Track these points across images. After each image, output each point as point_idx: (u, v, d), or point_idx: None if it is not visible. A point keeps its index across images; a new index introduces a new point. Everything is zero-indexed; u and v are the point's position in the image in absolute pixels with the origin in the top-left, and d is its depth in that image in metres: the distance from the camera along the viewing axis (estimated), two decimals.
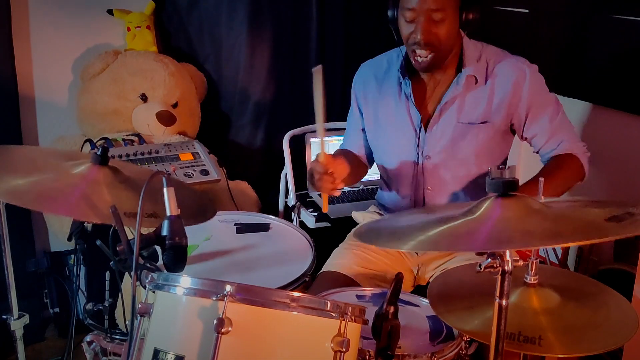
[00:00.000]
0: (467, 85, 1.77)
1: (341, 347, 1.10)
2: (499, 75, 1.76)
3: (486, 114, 1.78)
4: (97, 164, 1.39)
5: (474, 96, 1.78)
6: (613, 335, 1.20)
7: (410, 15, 1.67)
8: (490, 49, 1.81)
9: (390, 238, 1.18)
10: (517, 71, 1.76)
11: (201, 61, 2.84)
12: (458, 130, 1.79)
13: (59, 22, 2.60)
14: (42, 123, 2.66)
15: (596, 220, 1.05)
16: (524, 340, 1.17)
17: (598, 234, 1.01)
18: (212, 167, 2.42)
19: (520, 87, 1.75)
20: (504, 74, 1.76)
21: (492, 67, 1.77)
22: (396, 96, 1.86)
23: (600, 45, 2.14)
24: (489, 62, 1.78)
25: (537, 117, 1.77)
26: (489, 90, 1.77)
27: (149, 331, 1.16)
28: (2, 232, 1.50)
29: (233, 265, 1.66)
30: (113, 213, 1.19)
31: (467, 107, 1.78)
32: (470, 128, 1.78)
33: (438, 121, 1.80)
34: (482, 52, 1.79)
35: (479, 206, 1.13)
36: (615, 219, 1.03)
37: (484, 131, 1.79)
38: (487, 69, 1.77)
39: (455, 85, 1.77)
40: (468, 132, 1.79)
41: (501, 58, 1.79)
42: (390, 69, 1.89)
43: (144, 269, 1.19)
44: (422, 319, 1.47)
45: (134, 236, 1.17)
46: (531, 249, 1.27)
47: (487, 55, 1.79)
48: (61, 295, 2.54)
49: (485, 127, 1.78)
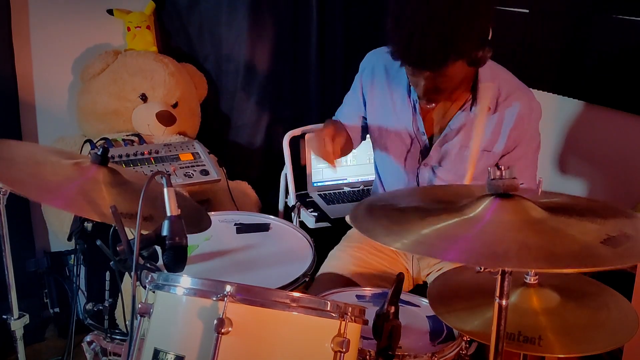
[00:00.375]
0: (480, 113, 1.71)
1: (341, 347, 1.10)
2: (508, 106, 1.72)
3: (490, 143, 1.75)
4: (97, 163, 1.39)
5: (482, 123, 1.73)
6: (613, 335, 1.20)
7: (410, 70, 1.60)
8: (503, 74, 1.75)
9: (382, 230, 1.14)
10: (524, 104, 1.72)
11: (201, 61, 2.84)
12: (460, 155, 1.76)
13: (59, 22, 2.60)
14: (42, 123, 2.65)
15: (591, 244, 1.02)
16: (524, 340, 1.17)
17: (592, 262, 0.98)
18: (212, 167, 2.42)
19: (523, 121, 1.72)
20: (513, 104, 1.72)
21: (504, 96, 1.72)
22: (405, 98, 1.80)
23: (600, 45, 2.14)
24: (502, 91, 1.72)
25: (519, 151, 1.75)
26: (497, 118, 1.73)
27: (149, 331, 1.16)
28: (2, 231, 1.50)
29: (233, 265, 1.66)
30: (113, 213, 1.19)
31: (474, 133, 1.72)
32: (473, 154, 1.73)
33: (445, 142, 1.77)
34: (494, 78, 1.72)
35: (477, 204, 1.12)
36: (610, 243, 1.01)
37: (485, 159, 1.75)
38: (498, 98, 1.72)
39: (468, 115, 1.73)
40: (469, 157, 1.74)
41: (513, 89, 1.73)
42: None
43: (144, 269, 1.19)
44: (422, 319, 1.47)
45: (134, 236, 1.17)
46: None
47: (499, 83, 1.72)
48: (61, 295, 2.54)
49: (487, 155, 1.76)
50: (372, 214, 1.23)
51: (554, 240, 1.03)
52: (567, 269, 1.05)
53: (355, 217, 1.21)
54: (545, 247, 1.01)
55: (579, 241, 1.03)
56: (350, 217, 1.22)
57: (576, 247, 1.01)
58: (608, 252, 0.99)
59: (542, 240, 1.03)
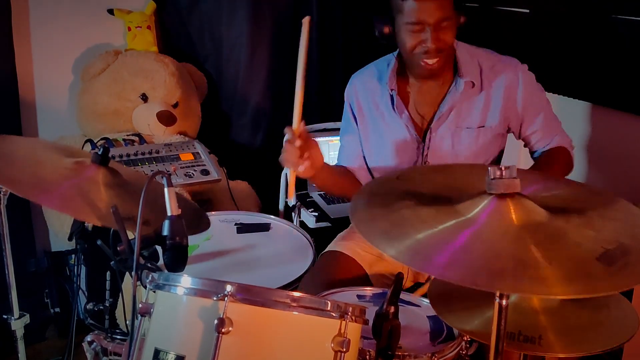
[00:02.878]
0: (465, 91, 1.78)
1: (341, 347, 1.10)
2: (492, 79, 1.78)
3: (483, 118, 1.79)
4: (97, 163, 1.39)
5: (471, 101, 1.79)
6: (613, 335, 1.20)
7: (417, 27, 1.66)
8: (480, 51, 1.82)
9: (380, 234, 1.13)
10: (510, 74, 1.77)
11: (201, 61, 2.84)
12: (457, 135, 1.80)
13: (60, 22, 2.60)
14: (42, 123, 2.66)
15: (586, 259, 1.01)
16: (524, 340, 1.17)
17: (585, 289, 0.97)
18: (213, 167, 2.42)
19: (514, 91, 1.77)
20: (497, 78, 1.78)
21: (486, 71, 1.78)
22: (389, 107, 1.84)
23: (601, 45, 2.14)
24: (482, 66, 1.79)
25: (533, 117, 1.81)
26: (485, 95, 1.78)
27: (149, 331, 1.16)
28: (2, 231, 1.50)
29: (233, 265, 1.67)
30: (114, 213, 1.19)
31: (464, 112, 1.79)
32: (469, 132, 1.80)
33: (437, 128, 1.81)
34: (473, 55, 1.80)
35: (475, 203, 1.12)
36: (605, 259, 1.00)
37: (482, 134, 1.81)
38: (481, 73, 1.78)
39: (454, 92, 1.78)
40: (467, 136, 1.80)
41: (493, 61, 1.79)
42: (381, 79, 1.87)
43: (144, 268, 1.19)
44: (422, 319, 1.47)
45: (134, 236, 1.17)
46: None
47: (479, 59, 1.80)
48: (62, 295, 2.54)
49: (484, 130, 1.80)
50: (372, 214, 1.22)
51: (549, 251, 1.02)
52: (561, 296, 1.05)
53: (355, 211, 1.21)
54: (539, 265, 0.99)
55: (575, 256, 1.02)
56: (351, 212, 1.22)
57: (571, 264, 1.01)
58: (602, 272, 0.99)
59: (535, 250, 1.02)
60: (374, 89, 1.89)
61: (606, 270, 0.99)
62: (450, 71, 1.80)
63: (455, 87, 1.78)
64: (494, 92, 1.78)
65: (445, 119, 1.80)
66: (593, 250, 1.03)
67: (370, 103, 1.89)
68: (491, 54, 1.82)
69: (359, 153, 1.94)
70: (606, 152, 2.20)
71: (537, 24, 2.38)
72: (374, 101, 1.88)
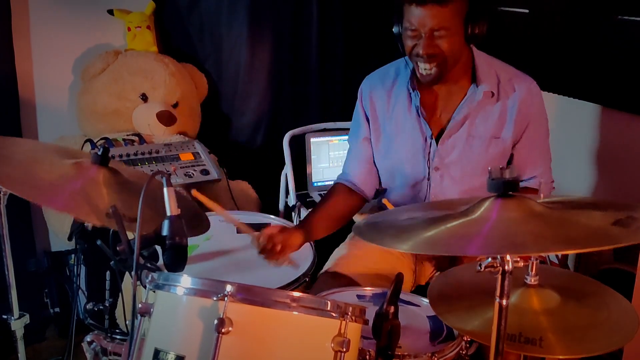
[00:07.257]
0: (483, 100, 1.77)
1: (341, 347, 1.10)
2: (509, 91, 1.77)
3: (497, 129, 1.78)
4: (97, 163, 1.39)
5: (487, 111, 1.78)
6: (613, 335, 1.20)
7: (414, 32, 1.67)
8: (498, 63, 1.81)
9: (389, 237, 1.18)
10: (525, 89, 1.77)
11: (201, 61, 2.84)
12: (469, 144, 1.79)
13: (59, 22, 2.60)
14: (42, 123, 2.66)
15: (602, 226, 1.06)
16: (524, 341, 1.17)
17: (608, 241, 1.02)
18: (213, 166, 2.42)
19: (527, 105, 1.77)
20: (514, 91, 1.77)
21: (504, 82, 1.78)
22: (405, 108, 1.83)
23: (602, 45, 2.14)
24: (500, 78, 1.78)
25: (530, 137, 1.79)
26: (501, 105, 1.77)
27: (149, 331, 1.16)
28: (2, 231, 1.50)
29: (233, 265, 1.66)
30: (114, 213, 1.19)
31: (479, 121, 1.78)
32: (482, 142, 1.79)
33: (450, 134, 1.79)
34: (490, 65, 1.79)
35: (479, 206, 1.13)
36: (620, 224, 1.04)
37: (494, 145, 1.79)
38: (498, 85, 1.77)
39: (472, 100, 1.77)
40: (479, 146, 1.79)
41: (510, 74, 1.79)
42: (398, 79, 1.86)
43: (144, 268, 1.19)
44: (422, 319, 1.47)
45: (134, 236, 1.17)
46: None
47: (497, 70, 1.79)
48: (61, 295, 2.54)
49: (496, 141, 1.79)
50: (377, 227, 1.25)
51: (566, 227, 1.07)
52: (586, 249, 1.08)
53: (360, 231, 1.24)
54: (560, 234, 1.05)
55: (590, 226, 1.07)
56: (354, 230, 1.25)
57: (589, 230, 1.05)
58: (621, 231, 1.03)
59: (554, 228, 1.07)
60: (392, 89, 1.87)
61: (624, 230, 1.04)
62: (468, 78, 1.78)
63: (474, 95, 1.77)
64: (510, 104, 1.77)
65: (460, 126, 1.79)
66: (607, 221, 1.08)
67: (387, 103, 1.87)
68: (508, 67, 1.81)
69: (369, 156, 1.93)
70: (607, 152, 2.20)
71: (537, 24, 2.38)
72: (391, 101, 1.87)
